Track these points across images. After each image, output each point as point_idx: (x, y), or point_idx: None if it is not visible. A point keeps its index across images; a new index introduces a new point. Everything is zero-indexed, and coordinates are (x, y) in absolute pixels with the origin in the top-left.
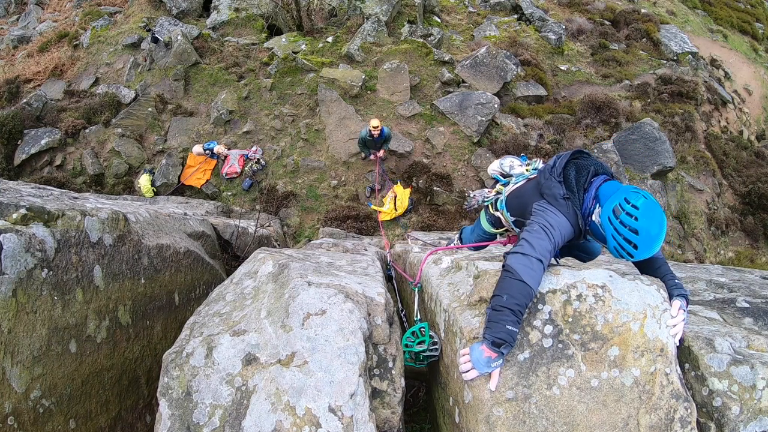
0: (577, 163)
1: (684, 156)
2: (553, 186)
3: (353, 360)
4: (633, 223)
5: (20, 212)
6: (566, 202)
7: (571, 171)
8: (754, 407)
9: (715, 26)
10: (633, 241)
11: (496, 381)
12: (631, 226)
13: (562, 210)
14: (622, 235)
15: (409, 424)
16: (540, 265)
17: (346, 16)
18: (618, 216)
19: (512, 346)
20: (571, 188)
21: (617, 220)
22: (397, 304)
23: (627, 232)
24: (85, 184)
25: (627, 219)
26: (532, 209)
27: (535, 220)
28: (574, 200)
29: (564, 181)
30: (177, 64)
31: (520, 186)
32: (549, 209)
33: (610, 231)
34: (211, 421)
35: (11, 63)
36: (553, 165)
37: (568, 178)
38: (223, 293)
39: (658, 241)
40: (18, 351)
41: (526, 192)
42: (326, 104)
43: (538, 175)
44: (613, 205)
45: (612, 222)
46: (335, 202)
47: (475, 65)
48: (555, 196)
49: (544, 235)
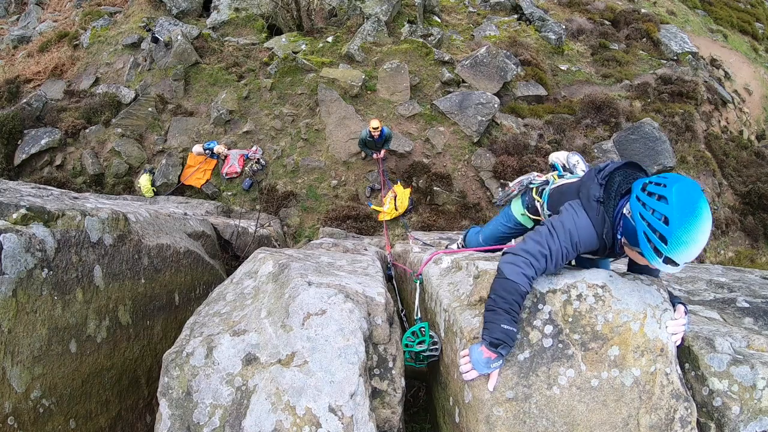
0: (627, 172)
1: (684, 156)
2: (592, 187)
3: (353, 360)
4: (662, 190)
5: (20, 212)
6: (598, 206)
7: (617, 176)
8: (755, 407)
9: (715, 26)
10: (663, 213)
11: (494, 381)
12: (660, 195)
13: (591, 214)
14: (650, 209)
15: (410, 423)
16: (525, 261)
17: (346, 16)
18: (646, 189)
19: (511, 346)
20: (609, 192)
21: (645, 194)
22: (397, 304)
23: (655, 203)
24: (85, 184)
25: (656, 188)
26: (561, 208)
27: (549, 220)
28: (608, 205)
29: (605, 185)
30: (177, 64)
31: (568, 183)
32: (574, 210)
33: (638, 209)
34: (211, 421)
35: (11, 63)
36: (602, 168)
37: (612, 182)
38: (223, 293)
39: (694, 235)
40: (18, 351)
41: (569, 190)
42: (326, 104)
43: (584, 175)
44: (642, 182)
45: (640, 199)
46: (335, 202)
47: (475, 65)
48: (589, 197)
49: (546, 235)
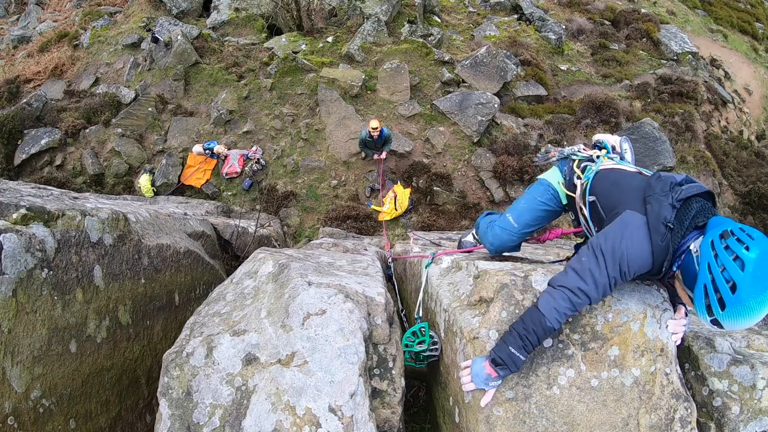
0: (705, 202)
1: (684, 156)
2: (664, 206)
3: (353, 360)
4: (742, 252)
5: (20, 212)
6: (666, 232)
7: (694, 203)
8: (754, 407)
9: (715, 26)
10: (733, 278)
11: (488, 399)
12: (738, 255)
13: (655, 238)
14: (721, 265)
15: (410, 423)
16: (563, 295)
17: (346, 16)
18: (725, 239)
19: (512, 371)
20: (682, 220)
21: (721, 245)
22: (397, 304)
23: (729, 262)
24: (85, 184)
25: (736, 245)
26: (618, 215)
27: (598, 240)
28: (677, 234)
29: (680, 210)
30: (177, 64)
31: (625, 172)
32: (633, 228)
33: (708, 258)
34: (211, 421)
35: (11, 63)
36: (679, 183)
37: (688, 209)
38: (223, 293)
39: (755, 313)
40: (18, 351)
41: (629, 185)
42: (326, 104)
43: (653, 179)
44: (724, 229)
45: (714, 247)
46: (335, 202)
47: (475, 65)
48: (660, 217)
49: (591, 265)
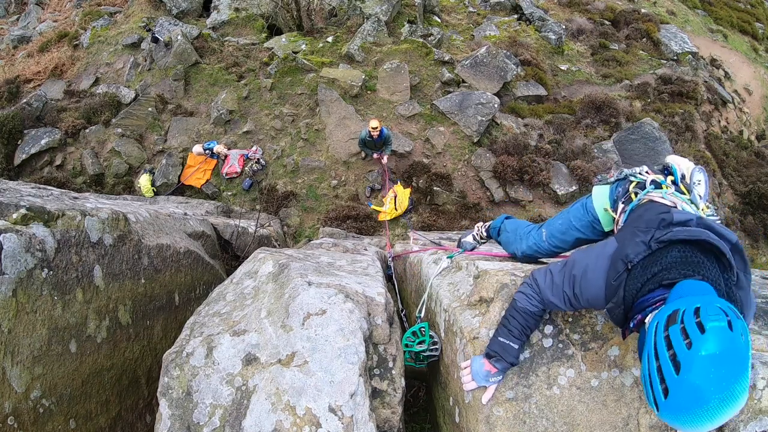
0: (693, 257)
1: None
2: (636, 242)
3: (353, 360)
4: (683, 349)
5: (20, 212)
6: (622, 272)
7: (676, 251)
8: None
9: (715, 26)
10: (666, 381)
11: (489, 396)
12: (676, 352)
13: (609, 274)
14: (658, 359)
15: (410, 423)
16: (529, 281)
17: (346, 16)
18: (671, 325)
19: (508, 361)
20: (647, 266)
21: (663, 333)
22: (397, 304)
23: (665, 359)
24: (85, 184)
25: (677, 338)
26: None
27: (579, 253)
28: (633, 281)
29: (655, 253)
30: (177, 64)
31: (661, 205)
32: (602, 256)
33: (648, 346)
34: (211, 421)
35: (11, 63)
36: (669, 224)
37: (664, 255)
38: (223, 293)
39: (704, 413)
40: (18, 351)
41: (646, 216)
42: (326, 104)
43: (645, 210)
44: (674, 308)
45: (657, 334)
46: (335, 202)
47: (475, 65)
48: (621, 250)
49: (558, 269)
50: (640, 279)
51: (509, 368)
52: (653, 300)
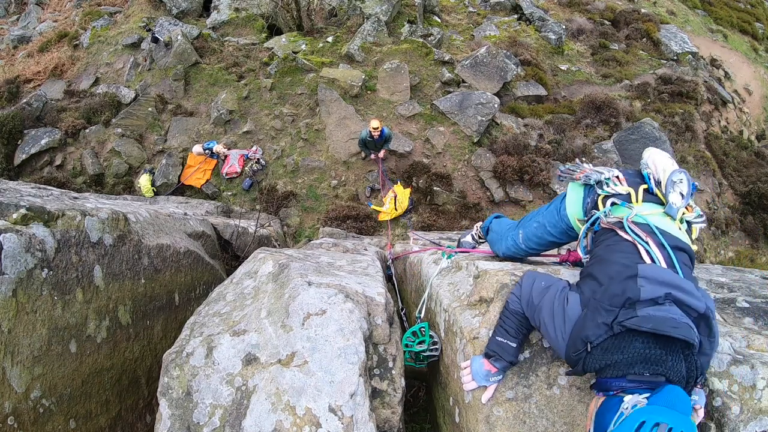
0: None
1: (684, 156)
2: (596, 323)
3: (353, 360)
4: None
5: (20, 212)
6: (582, 351)
7: (638, 344)
8: (755, 407)
9: (715, 26)
10: None
11: (489, 395)
12: None
13: (569, 344)
14: None
15: (410, 423)
16: (518, 291)
17: (346, 16)
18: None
19: (506, 360)
20: (609, 351)
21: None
22: (397, 303)
23: None
24: (85, 184)
25: None
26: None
27: (543, 301)
28: (593, 360)
29: (616, 336)
30: (177, 64)
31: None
32: (563, 318)
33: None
34: (211, 421)
35: (11, 63)
36: (635, 301)
37: (626, 345)
38: (223, 293)
39: None
40: (18, 351)
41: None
42: (326, 104)
43: (605, 250)
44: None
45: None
46: (335, 202)
47: (475, 65)
48: (581, 330)
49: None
50: (600, 361)
51: (509, 367)
52: (616, 386)
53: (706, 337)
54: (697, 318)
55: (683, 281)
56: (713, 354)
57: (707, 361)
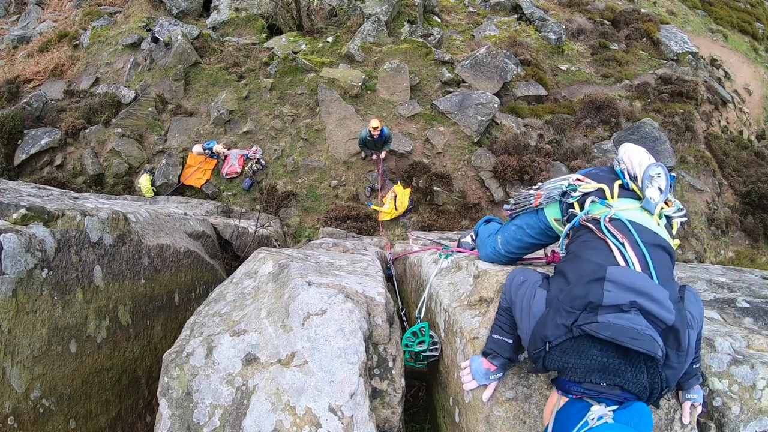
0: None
1: (684, 156)
2: (559, 325)
3: (353, 360)
4: None
5: (20, 212)
6: (541, 349)
7: (596, 351)
8: (755, 407)
9: (715, 26)
10: None
11: (490, 394)
12: None
13: (530, 342)
14: None
15: (410, 423)
16: (506, 284)
17: (346, 16)
18: None
19: (503, 357)
20: (567, 354)
21: None
22: (397, 303)
23: None
24: (85, 184)
25: None
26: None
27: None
28: (552, 360)
29: (575, 338)
30: (177, 64)
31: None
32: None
33: None
34: (211, 421)
35: (11, 63)
36: (597, 306)
37: (584, 349)
38: (223, 293)
39: None
40: (18, 351)
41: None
42: (326, 104)
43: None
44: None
45: None
46: (335, 202)
47: (475, 65)
48: (542, 328)
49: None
50: (559, 361)
51: (508, 365)
52: (576, 390)
53: (674, 351)
54: (665, 330)
55: (655, 288)
56: (683, 368)
57: (674, 375)
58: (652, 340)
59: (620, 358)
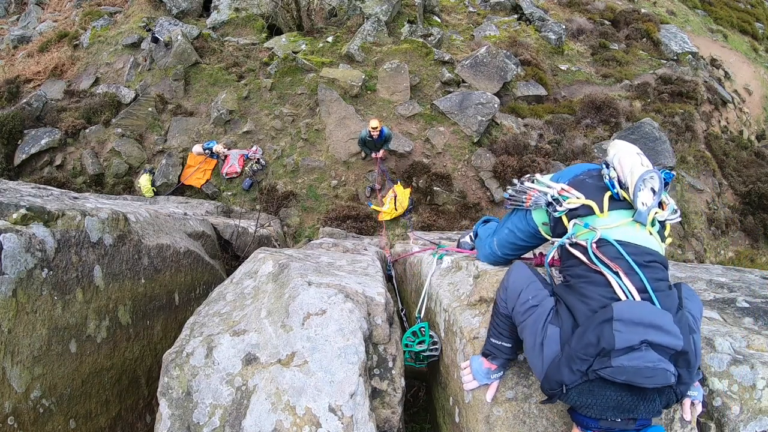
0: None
1: (684, 156)
2: (575, 371)
3: (353, 360)
4: None
5: (20, 212)
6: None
7: (611, 393)
8: (754, 407)
9: (715, 26)
10: None
11: (493, 392)
12: None
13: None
14: None
15: (409, 423)
16: (503, 293)
17: (346, 16)
18: None
19: (505, 357)
20: (584, 394)
21: None
22: (397, 303)
23: None
24: (85, 184)
25: None
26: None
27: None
28: (568, 398)
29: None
30: (177, 64)
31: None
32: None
33: None
34: (211, 420)
35: (11, 63)
36: (610, 350)
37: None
38: (223, 293)
39: None
40: (18, 351)
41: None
42: (326, 104)
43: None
44: None
45: None
46: (335, 202)
47: (475, 65)
48: (556, 372)
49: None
50: (575, 401)
51: (509, 364)
52: (594, 426)
53: (685, 369)
54: (675, 354)
55: (660, 317)
56: (694, 380)
57: (687, 387)
58: (665, 372)
59: (634, 395)
